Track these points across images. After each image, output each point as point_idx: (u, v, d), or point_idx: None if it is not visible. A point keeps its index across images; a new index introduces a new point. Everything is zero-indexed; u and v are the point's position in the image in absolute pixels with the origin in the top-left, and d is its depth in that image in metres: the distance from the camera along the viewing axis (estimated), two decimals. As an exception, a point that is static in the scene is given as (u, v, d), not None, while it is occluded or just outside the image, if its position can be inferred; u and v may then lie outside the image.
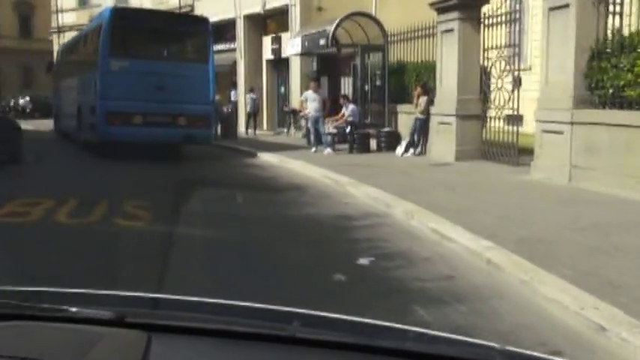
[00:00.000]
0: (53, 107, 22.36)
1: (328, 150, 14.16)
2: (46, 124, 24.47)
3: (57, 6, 35.44)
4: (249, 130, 20.96)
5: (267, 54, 22.41)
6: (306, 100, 14.68)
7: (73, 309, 1.20)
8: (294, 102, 20.22)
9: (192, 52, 14.42)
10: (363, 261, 5.32)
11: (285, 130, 20.53)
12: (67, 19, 33.96)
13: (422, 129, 13.17)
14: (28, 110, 34.85)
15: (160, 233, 6.40)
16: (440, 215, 6.82)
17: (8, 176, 10.60)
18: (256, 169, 12.52)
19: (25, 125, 18.38)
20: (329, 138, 14.35)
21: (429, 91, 13.12)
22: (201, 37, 13.94)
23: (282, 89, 22.47)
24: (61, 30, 34.21)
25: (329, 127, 14.57)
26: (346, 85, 17.26)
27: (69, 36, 27.32)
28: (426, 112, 13.05)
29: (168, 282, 4.23)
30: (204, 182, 10.61)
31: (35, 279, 4.17)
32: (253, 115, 21.28)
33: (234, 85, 23.32)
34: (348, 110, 14.51)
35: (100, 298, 1.37)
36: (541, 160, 9.74)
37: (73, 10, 34.31)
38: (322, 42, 15.24)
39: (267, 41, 22.41)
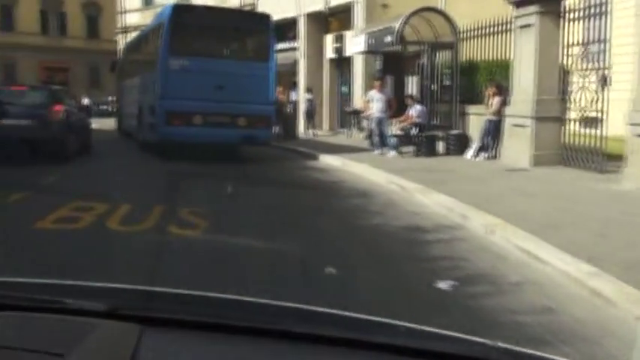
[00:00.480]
0: (117, 107, 22.53)
1: (393, 153, 13.47)
2: (108, 124, 24.78)
3: (122, 6, 36.02)
4: (308, 131, 20.49)
5: (329, 53, 21.88)
6: (371, 101, 14.01)
7: (66, 300, 1.20)
8: (357, 102, 19.62)
9: (253, 50, 14.01)
10: (443, 285, 4.64)
11: (347, 131, 19.91)
12: (132, 19, 34.46)
13: (494, 131, 12.30)
14: (92, 109, 35.51)
15: (216, 244, 5.92)
16: (524, 230, 6.06)
17: (66, 175, 10.45)
18: (318, 172, 11.97)
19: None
20: (394, 140, 13.65)
21: (503, 91, 12.23)
22: (262, 35, 13.51)
23: (344, 89, 21.89)
24: (125, 30, 34.74)
25: (394, 129, 13.86)
26: (411, 85, 16.50)
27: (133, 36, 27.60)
28: (499, 114, 12.18)
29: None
30: (264, 186, 10.15)
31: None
32: (310, 116, 20.80)
33: (294, 85, 22.90)
34: (415, 111, 13.76)
35: (94, 290, 1.33)
36: (634, 168, 8.76)
37: (137, 10, 34.79)
38: (388, 39, 14.53)
39: (329, 40, 21.89)
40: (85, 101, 33.82)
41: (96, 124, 25.15)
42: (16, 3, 43.11)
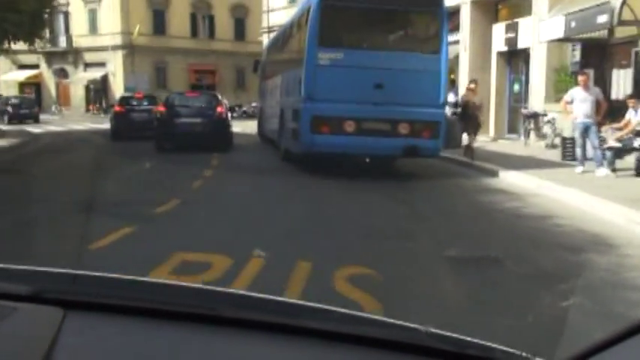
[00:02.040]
0: (258, 109, 20.91)
1: (604, 170, 10.09)
2: (251, 126, 23.34)
3: (267, 5, 34.91)
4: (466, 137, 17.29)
5: (499, 45, 18.55)
6: (573, 101, 10.68)
7: None
8: (534, 102, 16.19)
9: (420, 39, 11.23)
10: None
11: (522, 138, 16.53)
12: (277, 18, 33.16)
13: None
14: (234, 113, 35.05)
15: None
16: None
17: (189, 197, 8.42)
18: (507, 198, 8.95)
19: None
20: (606, 154, 10.26)
21: None
22: (433, 20, 10.74)
23: (516, 87, 18.46)
24: (270, 30, 33.54)
25: (609, 139, 10.45)
26: (622, 81, 12.83)
27: (277, 34, 26.01)
28: None
29: None
30: (441, 224, 7.41)
31: None
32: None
33: (452, 83, 19.80)
34: (638, 116, 10.24)
35: (17, 273, 1.24)
36: None
37: (283, 8, 33.45)
38: (602, 19, 11.09)
39: (498, 29, 18.58)
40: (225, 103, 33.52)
41: (237, 127, 23.92)
42: (168, 7, 43.90)
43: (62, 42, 43.97)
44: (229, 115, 16.77)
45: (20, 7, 15.19)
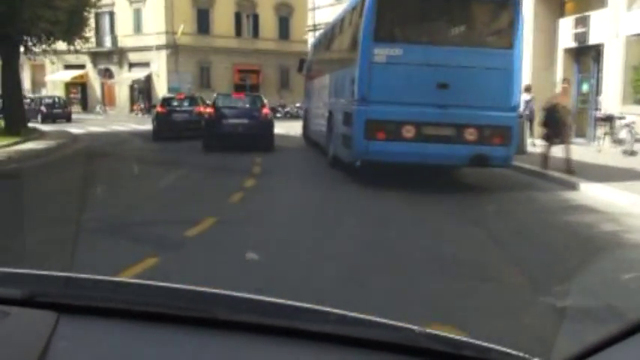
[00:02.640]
0: (303, 110, 19.86)
1: None
2: (295, 128, 22.35)
3: (314, 3, 33.86)
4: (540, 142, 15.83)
5: (565, 41, 16.99)
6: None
7: None
8: (608, 103, 14.64)
9: (491, 32, 9.87)
10: None
11: (593, 142, 14.98)
12: (323, 16, 32.09)
13: None
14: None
15: None
16: None
17: (223, 222, 7.35)
18: (598, 218, 7.55)
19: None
20: None
21: None
22: (505, 9, 9.42)
23: (585, 86, 16.87)
24: (316, 28, 32.52)
25: None
26: None
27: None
28: None
29: None
30: (522, 247, 6.16)
31: None
32: (529, 122, 16.07)
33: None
34: None
35: (11, 277, 1.23)
36: None
37: (330, 5, 32.33)
38: None
39: (565, 24, 17.02)
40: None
41: (280, 128, 22.96)
42: (213, 6, 43.31)
43: (107, 42, 43.91)
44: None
45: (55, 4, 14.47)
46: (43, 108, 32.60)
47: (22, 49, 19.25)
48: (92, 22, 22.04)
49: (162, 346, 1.02)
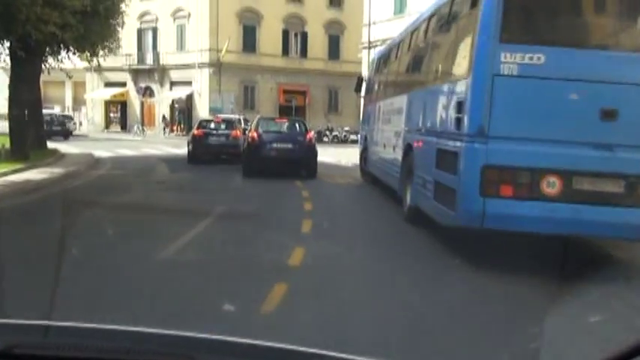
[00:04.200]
0: (360, 138, 16.72)
1: None
2: (346, 155, 19.28)
3: (369, 18, 30.89)
4: None
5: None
6: None
7: None
8: None
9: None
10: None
11: None
12: (380, 32, 29.09)
13: None
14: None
15: None
16: None
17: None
18: None
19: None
20: None
21: None
22: None
23: None
24: (371, 45, 29.54)
25: None
26: None
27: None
28: None
29: None
30: None
31: None
32: None
33: None
34: None
35: None
36: None
37: (387, 20, 29.33)
38: None
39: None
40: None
41: (327, 156, 19.95)
42: (260, 23, 40.86)
43: (149, 59, 41.91)
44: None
45: (63, 1, 11.74)
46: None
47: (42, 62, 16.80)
48: (123, 33, 19.39)
49: None
